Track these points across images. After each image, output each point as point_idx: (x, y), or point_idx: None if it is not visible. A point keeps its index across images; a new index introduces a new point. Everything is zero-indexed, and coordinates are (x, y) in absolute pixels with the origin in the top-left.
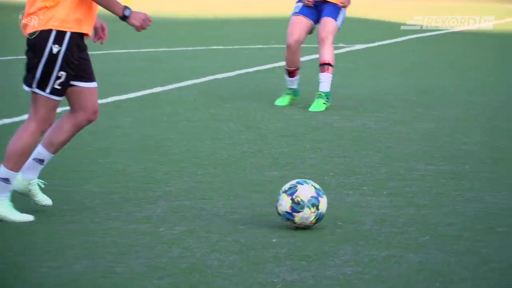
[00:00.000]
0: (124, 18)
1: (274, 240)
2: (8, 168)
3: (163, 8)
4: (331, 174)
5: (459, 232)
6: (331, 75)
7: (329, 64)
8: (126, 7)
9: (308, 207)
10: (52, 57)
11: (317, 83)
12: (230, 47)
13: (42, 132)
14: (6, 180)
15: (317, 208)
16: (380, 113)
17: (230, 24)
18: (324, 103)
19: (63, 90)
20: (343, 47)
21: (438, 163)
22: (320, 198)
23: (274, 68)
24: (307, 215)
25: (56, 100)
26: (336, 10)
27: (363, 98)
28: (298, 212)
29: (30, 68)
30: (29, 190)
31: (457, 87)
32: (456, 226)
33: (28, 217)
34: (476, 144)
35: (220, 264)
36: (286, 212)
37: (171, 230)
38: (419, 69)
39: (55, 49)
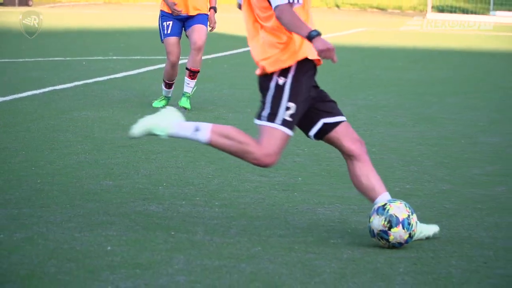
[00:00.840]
0: (309, 38)
1: (109, 248)
2: (209, 133)
3: (6, 19)
4: (164, 184)
5: (291, 244)
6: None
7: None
8: (312, 31)
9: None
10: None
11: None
12: (69, 58)
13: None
14: (196, 129)
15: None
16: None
17: (70, 36)
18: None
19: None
20: None
21: (271, 175)
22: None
23: (112, 79)
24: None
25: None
26: (206, 18)
27: (195, 109)
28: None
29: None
30: None
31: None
32: (288, 237)
33: None
34: (308, 157)
35: (57, 271)
36: (381, 230)
37: (10, 237)
38: (253, 81)
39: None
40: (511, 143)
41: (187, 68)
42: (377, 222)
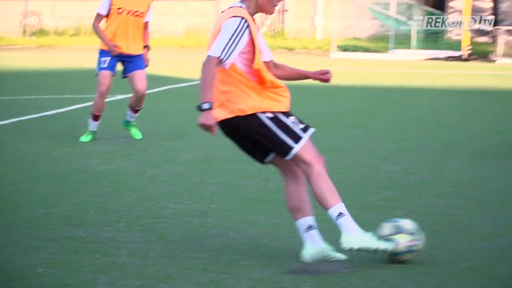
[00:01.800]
0: (200, 107)
1: (40, 271)
2: (331, 206)
3: None
4: (91, 212)
5: (205, 265)
6: None
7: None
8: (206, 103)
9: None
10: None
11: None
12: (6, 97)
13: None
14: (340, 214)
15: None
16: (137, 157)
17: (7, 77)
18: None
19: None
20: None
21: (187, 203)
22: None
23: (44, 116)
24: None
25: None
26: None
27: (119, 143)
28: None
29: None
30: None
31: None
32: (202, 260)
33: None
34: (221, 185)
35: None
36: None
37: None
38: (172, 117)
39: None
40: (407, 171)
41: (130, 106)
42: (403, 241)
